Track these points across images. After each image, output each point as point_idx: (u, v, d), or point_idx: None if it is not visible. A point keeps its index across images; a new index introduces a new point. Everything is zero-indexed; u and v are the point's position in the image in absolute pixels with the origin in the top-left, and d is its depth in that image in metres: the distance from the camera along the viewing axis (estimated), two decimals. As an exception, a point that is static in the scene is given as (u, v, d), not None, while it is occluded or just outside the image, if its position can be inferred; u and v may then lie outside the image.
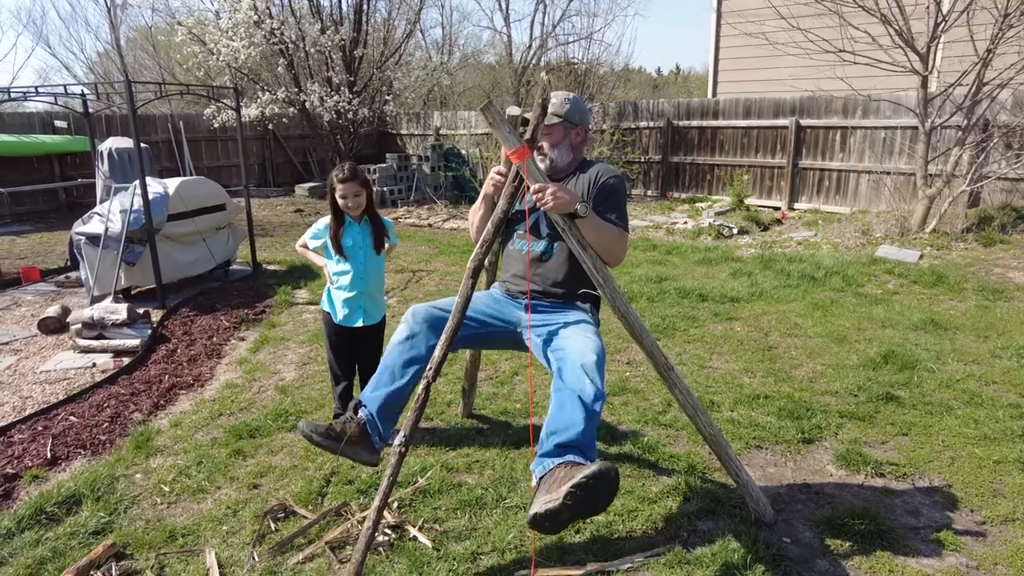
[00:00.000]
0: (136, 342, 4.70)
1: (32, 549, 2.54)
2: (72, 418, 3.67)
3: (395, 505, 2.77)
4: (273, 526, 2.68)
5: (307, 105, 12.30)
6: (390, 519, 2.64)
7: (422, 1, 14.12)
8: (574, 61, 14.44)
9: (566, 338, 2.39)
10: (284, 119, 14.02)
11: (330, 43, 11.85)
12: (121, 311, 4.85)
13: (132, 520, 2.75)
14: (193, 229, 6.25)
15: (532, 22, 21.94)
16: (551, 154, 2.57)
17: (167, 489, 2.98)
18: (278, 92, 12.14)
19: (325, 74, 12.57)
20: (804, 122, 10.07)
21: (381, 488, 2.28)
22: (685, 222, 9.55)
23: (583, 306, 2.61)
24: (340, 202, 3.21)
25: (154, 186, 5.95)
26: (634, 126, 11.95)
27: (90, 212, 5.98)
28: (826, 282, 6.31)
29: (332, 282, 3.34)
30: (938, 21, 7.46)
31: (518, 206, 2.52)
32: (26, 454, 3.29)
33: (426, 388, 2.29)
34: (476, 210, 2.69)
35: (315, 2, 12.22)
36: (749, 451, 3.26)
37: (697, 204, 10.88)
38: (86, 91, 7.20)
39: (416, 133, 15.33)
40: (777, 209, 10.30)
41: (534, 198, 2.25)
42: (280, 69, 12.10)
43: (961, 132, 7.78)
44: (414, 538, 2.57)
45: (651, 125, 11.79)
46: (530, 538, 2.55)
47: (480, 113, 2.21)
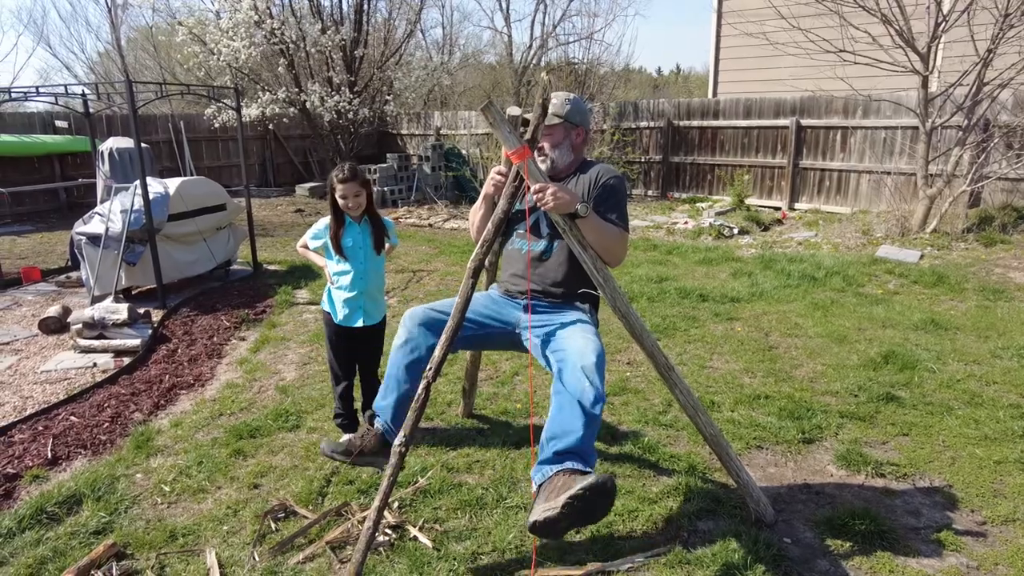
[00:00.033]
0: (137, 342, 4.70)
1: (33, 549, 2.55)
2: (73, 418, 3.67)
3: (395, 505, 2.77)
4: (273, 526, 2.69)
5: (307, 105, 12.30)
6: (390, 519, 2.65)
7: (423, 1, 14.12)
8: (574, 61, 14.44)
9: (566, 339, 2.39)
10: (284, 119, 14.02)
11: (331, 43, 11.85)
12: (122, 311, 4.86)
13: (133, 520, 2.75)
14: (194, 229, 6.25)
15: (532, 22, 22.03)
16: (552, 155, 2.58)
17: (167, 489, 2.98)
18: (278, 92, 12.14)
19: (325, 74, 12.57)
20: (805, 122, 10.07)
21: (381, 488, 2.28)
22: (686, 222, 9.54)
23: (582, 306, 2.61)
24: (340, 202, 3.21)
25: (155, 186, 5.95)
26: (634, 126, 11.94)
27: (91, 212, 5.98)
28: (827, 282, 6.31)
29: (332, 282, 3.34)
30: (939, 21, 7.46)
31: (518, 206, 2.53)
32: (27, 454, 3.29)
33: (426, 388, 2.30)
34: (476, 210, 2.69)
35: (315, 2, 12.22)
36: (749, 451, 3.26)
37: (698, 204, 10.87)
38: (87, 91, 7.21)
39: (416, 133, 15.33)
40: (778, 209, 10.30)
41: (534, 198, 2.25)
42: (280, 69, 12.10)
43: (962, 132, 7.78)
44: (414, 538, 2.57)
45: (651, 125, 11.79)
46: (530, 538, 2.54)
47: (481, 113, 2.20)
